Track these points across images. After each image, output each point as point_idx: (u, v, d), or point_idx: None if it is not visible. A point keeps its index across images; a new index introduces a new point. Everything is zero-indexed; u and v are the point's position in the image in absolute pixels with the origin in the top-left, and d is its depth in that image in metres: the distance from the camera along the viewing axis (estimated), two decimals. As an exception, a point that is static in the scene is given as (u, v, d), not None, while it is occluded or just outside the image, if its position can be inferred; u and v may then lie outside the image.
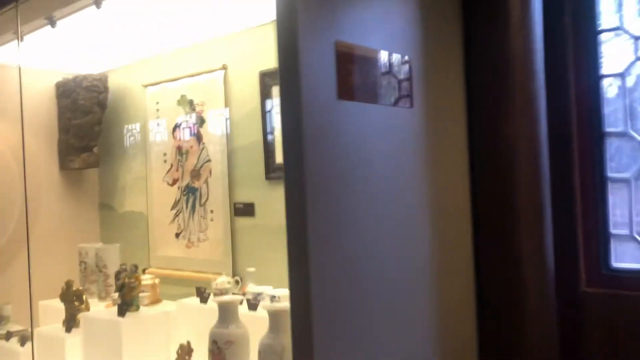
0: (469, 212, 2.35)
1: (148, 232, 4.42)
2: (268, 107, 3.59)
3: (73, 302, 3.22)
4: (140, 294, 3.66)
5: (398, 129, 2.03)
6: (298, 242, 1.70)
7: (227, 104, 3.85)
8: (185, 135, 4.14)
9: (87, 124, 4.48)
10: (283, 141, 1.76)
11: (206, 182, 3.99)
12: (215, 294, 3.17)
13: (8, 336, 3.48)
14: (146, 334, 2.97)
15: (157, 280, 3.84)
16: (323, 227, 1.72)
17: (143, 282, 3.80)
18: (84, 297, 3.26)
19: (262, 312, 2.81)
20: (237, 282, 3.33)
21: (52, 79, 4.65)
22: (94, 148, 4.63)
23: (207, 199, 4.00)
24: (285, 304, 2.32)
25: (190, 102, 4.09)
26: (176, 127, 4.21)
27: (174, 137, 4.22)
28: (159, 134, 4.34)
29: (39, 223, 4.48)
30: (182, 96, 4.14)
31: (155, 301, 3.76)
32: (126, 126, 4.63)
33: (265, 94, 3.60)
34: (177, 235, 4.20)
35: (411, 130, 2.08)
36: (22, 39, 3.46)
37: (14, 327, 3.74)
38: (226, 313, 2.46)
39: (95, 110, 4.48)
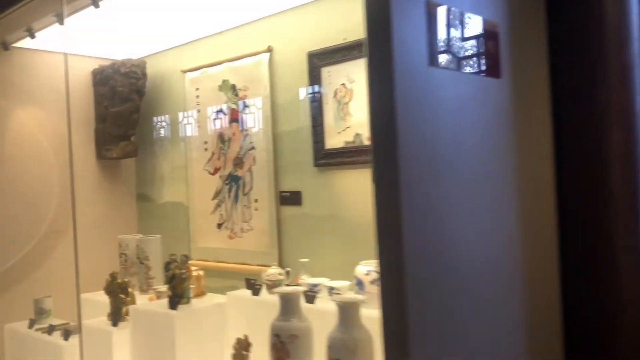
0: (553, 194, 2.14)
1: (189, 223, 4.29)
2: (316, 90, 3.40)
3: (118, 295, 3.09)
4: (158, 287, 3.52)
5: (487, 101, 1.83)
6: (390, 229, 1.51)
7: (272, 88, 3.68)
8: (227, 122, 3.98)
9: (125, 112, 4.35)
10: (370, 115, 1.57)
11: (250, 170, 3.83)
12: (268, 286, 3.01)
13: (50, 330, 3.37)
14: (199, 328, 2.82)
15: (201, 272, 3.69)
16: (417, 213, 1.54)
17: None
18: (129, 289, 3.12)
19: (320, 305, 2.64)
20: (288, 273, 3.16)
21: (88, 65, 4.53)
22: (131, 137, 4.50)
23: (250, 187, 3.84)
24: (355, 296, 2.15)
25: (233, 87, 3.92)
26: (218, 113, 4.05)
27: (215, 124, 4.06)
28: (199, 121, 4.19)
29: (76, 214, 4.37)
30: (224, 81, 3.98)
31: (200, 294, 3.60)
32: (164, 114, 4.49)
33: (313, 76, 3.41)
34: (219, 225, 4.06)
35: (499, 104, 1.88)
36: (62, 22, 3.31)
37: (55, 321, 3.63)
38: (288, 305, 2.29)
39: (133, 97, 4.34)
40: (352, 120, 3.24)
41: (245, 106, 3.85)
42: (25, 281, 4.06)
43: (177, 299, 2.80)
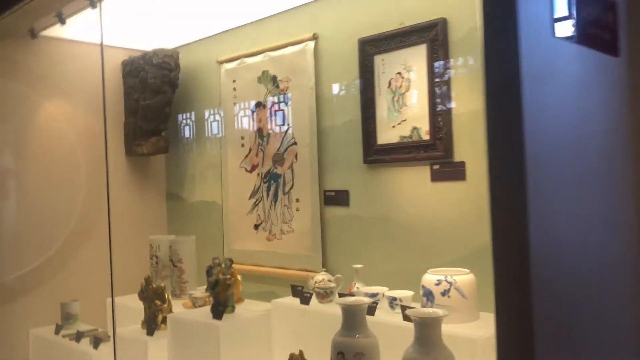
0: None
1: (223, 224, 4.03)
2: (368, 80, 3.12)
3: (154, 301, 2.84)
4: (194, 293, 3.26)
5: (605, 82, 1.54)
6: (511, 231, 1.23)
7: (317, 79, 3.40)
8: (266, 115, 3.71)
9: (156, 105, 4.11)
10: (487, 97, 1.29)
11: (291, 167, 3.56)
12: (319, 294, 2.73)
13: (79, 337, 3.13)
14: (245, 339, 2.56)
15: (239, 277, 3.43)
16: (542, 212, 1.25)
17: (222, 279, 3.40)
18: (166, 295, 2.87)
19: (381, 317, 2.36)
20: (338, 280, 2.88)
21: (118, 56, 4.30)
22: (162, 132, 4.26)
23: (292, 186, 3.56)
24: (436, 310, 1.86)
25: (274, 79, 3.66)
26: (256, 106, 3.79)
27: (254, 119, 3.80)
28: (236, 115, 3.93)
29: (103, 212, 4.14)
30: (264, 72, 3.71)
31: (238, 300, 3.35)
32: (198, 108, 4.24)
33: (365, 65, 3.13)
34: (256, 227, 3.79)
35: (617, 86, 1.59)
36: (95, 5, 3.07)
37: (82, 327, 3.39)
38: (353, 319, 2.01)
39: (165, 89, 4.10)
40: (408, 112, 2.95)
41: (287, 99, 3.58)
42: (50, 283, 3.83)
43: (221, 307, 2.54)
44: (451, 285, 2.25)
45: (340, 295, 2.67)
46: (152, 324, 2.75)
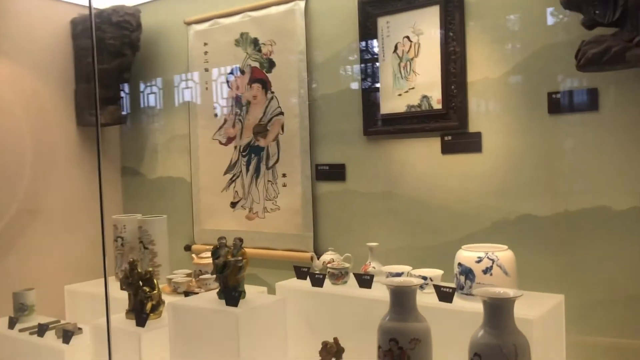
0: None
1: (192, 202, 3.68)
2: (371, 46, 2.89)
3: (141, 288, 2.48)
4: (206, 277, 2.95)
5: None
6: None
7: (308, 43, 3.12)
8: (245, 82, 3.39)
9: (114, 70, 3.67)
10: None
11: (276, 139, 3.27)
12: (332, 275, 2.49)
13: (42, 330, 2.71)
14: (264, 327, 2.27)
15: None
16: None
17: (203, 261, 3.09)
18: (155, 280, 2.52)
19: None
20: (348, 259, 2.65)
21: (67, 13, 3.78)
22: (120, 100, 3.82)
23: (277, 160, 3.28)
24: (507, 291, 1.68)
25: (255, 42, 3.33)
26: (233, 72, 3.45)
27: (230, 86, 3.47)
28: (207, 82, 3.57)
29: (53, 190, 3.68)
30: (243, 34, 3.38)
31: (222, 285, 3.05)
32: (162, 73, 3.82)
33: (366, 28, 2.89)
34: (234, 204, 3.48)
35: None
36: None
37: (39, 318, 2.97)
38: (404, 301, 1.79)
39: (125, 52, 3.67)
40: (418, 80, 2.75)
41: (271, 64, 3.27)
42: (-6, 270, 3.35)
43: (235, 293, 2.23)
44: (493, 262, 2.09)
45: (356, 275, 2.45)
46: (141, 313, 2.40)
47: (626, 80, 2.25)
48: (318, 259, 2.70)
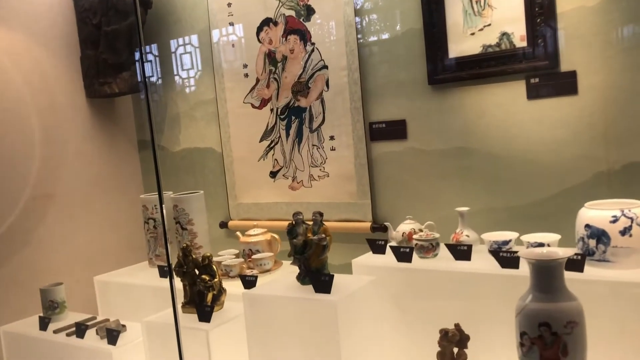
0: None
1: (225, 174, 3.30)
2: (433, -22, 2.49)
3: (198, 276, 2.12)
4: (261, 257, 2.60)
5: None
6: None
7: (353, -17, 2.72)
8: (280, 35, 2.98)
9: (125, 31, 3.23)
10: None
11: (320, 98, 2.89)
12: (422, 248, 2.14)
13: (80, 331, 2.36)
14: (361, 315, 1.92)
15: (276, 236, 2.77)
16: None
17: (252, 239, 2.74)
18: (214, 267, 2.15)
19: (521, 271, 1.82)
20: (432, 227, 2.30)
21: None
22: (133, 66, 3.39)
23: (322, 121, 2.90)
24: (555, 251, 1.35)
25: (289, -13, 2.92)
26: (264, 25, 3.03)
27: (261, 40, 3.05)
28: (234, 38, 3.16)
29: (67, 170, 3.28)
30: (274, -21, 2.96)
31: (275, 265, 2.71)
32: (178, 32, 3.40)
33: (427, -41, 2.49)
34: (274, 174, 3.11)
35: None
36: None
37: (72, 316, 2.62)
38: (551, 278, 1.45)
39: (136, 10, 3.22)
40: (495, 15, 2.36)
41: (310, 11, 2.86)
42: (13, 261, 2.98)
43: (325, 277, 1.88)
44: (632, 221, 1.75)
45: (449, 246, 2.10)
46: (203, 306, 2.05)
47: None
48: (395, 229, 2.34)
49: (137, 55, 3.41)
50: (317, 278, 1.89)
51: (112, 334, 2.25)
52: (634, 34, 2.11)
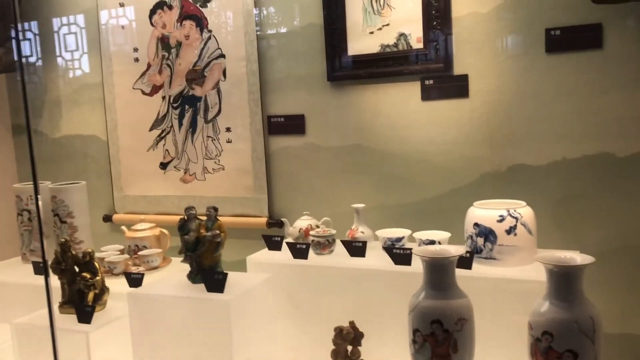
0: None
1: (110, 164, 3.10)
2: (335, -27, 2.48)
3: (79, 274, 1.95)
4: (148, 254, 2.47)
5: None
6: None
7: (254, -29, 2.64)
8: (174, 19, 2.84)
9: (2, 5, 2.93)
10: None
11: (216, 87, 2.79)
12: (319, 244, 2.12)
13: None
14: (254, 314, 1.85)
15: (165, 231, 2.64)
16: None
17: (139, 234, 2.59)
18: (96, 264, 1.98)
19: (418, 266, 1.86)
20: (328, 224, 2.29)
21: None
22: (9, 42, 3.09)
23: (218, 111, 2.81)
24: (576, 255, 1.42)
25: (185, -31, 2.78)
26: (157, 8, 2.88)
27: (154, 24, 2.90)
28: (124, 20, 2.97)
29: None
30: (170, -40, 2.81)
31: (164, 262, 2.58)
32: (61, 10, 3.14)
33: (329, -47, 2.47)
34: (164, 165, 2.97)
35: None
36: None
37: None
38: (442, 275, 1.47)
39: (13, -19, 2.93)
40: (393, 15, 2.39)
41: (208, -3, 2.75)
42: None
43: (219, 276, 1.78)
44: (517, 221, 1.83)
45: (345, 243, 2.10)
46: (82, 306, 1.89)
47: (632, 14, 2.06)
48: (292, 225, 2.31)
49: (13, 32, 3.12)
50: (210, 276, 1.81)
51: (-21, 338, 2.02)
52: (521, 42, 2.22)
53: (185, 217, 1.95)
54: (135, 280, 2.13)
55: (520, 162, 2.28)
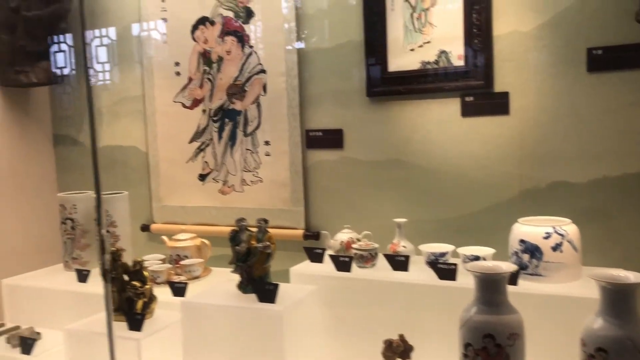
0: None
1: (149, 174, 3.17)
2: (377, -8, 2.53)
3: (129, 283, 2.00)
4: (190, 263, 2.52)
5: None
6: None
7: (296, -12, 2.71)
8: (215, 35, 2.91)
9: (47, 18, 3.03)
10: None
11: (256, 102, 2.85)
12: (361, 257, 2.15)
13: (-11, 340, 2.17)
14: (304, 325, 1.89)
15: (207, 241, 2.69)
16: None
17: (181, 244, 2.65)
18: (145, 273, 2.04)
19: (464, 281, 1.89)
20: (369, 237, 2.32)
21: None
22: (52, 56, 3.19)
23: (257, 125, 2.86)
24: (627, 275, 1.44)
25: (229, -13, 2.86)
26: (200, 23, 2.95)
27: (196, 39, 2.97)
28: (167, 35, 3.05)
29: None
30: (213, -23, 2.89)
31: (205, 272, 2.63)
32: (106, 22, 3.23)
33: (371, -28, 2.53)
34: (203, 177, 3.03)
35: None
36: None
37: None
38: (494, 290, 1.50)
39: (61, -4, 3.04)
40: (434, 32, 2.43)
41: (249, 14, 2.82)
42: None
43: (270, 286, 1.83)
44: (563, 238, 1.85)
45: (387, 257, 2.13)
46: (132, 314, 1.94)
47: (677, 35, 2.07)
48: (332, 238, 2.34)
49: (60, 45, 3.22)
50: (261, 287, 1.85)
51: (26, 343, 2.09)
52: (562, 61, 2.25)
53: (237, 228, 2.00)
54: (178, 290, 2.18)
55: (560, 179, 2.29)
